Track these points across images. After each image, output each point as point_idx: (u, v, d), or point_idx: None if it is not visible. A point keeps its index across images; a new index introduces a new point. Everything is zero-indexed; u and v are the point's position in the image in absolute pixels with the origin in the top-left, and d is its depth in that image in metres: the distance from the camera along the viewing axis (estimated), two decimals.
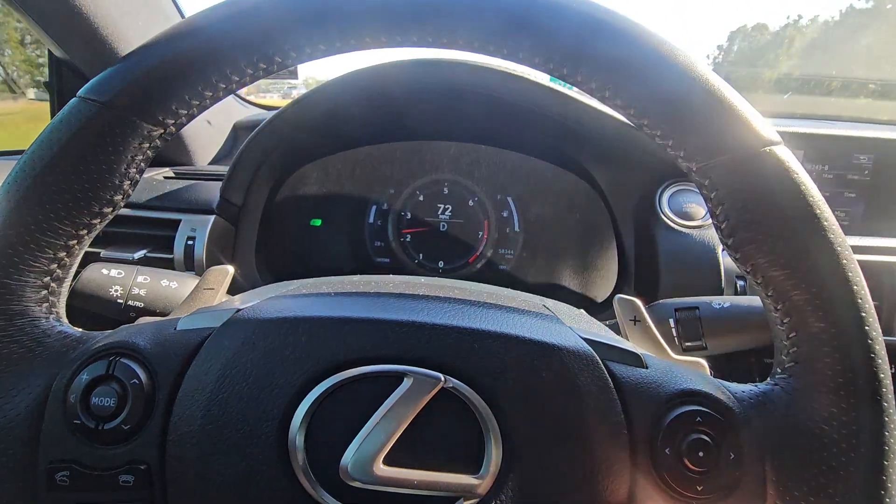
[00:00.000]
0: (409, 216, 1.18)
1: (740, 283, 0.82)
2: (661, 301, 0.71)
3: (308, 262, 1.16)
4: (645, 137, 0.43)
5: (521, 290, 0.58)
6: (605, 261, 1.10)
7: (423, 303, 0.39)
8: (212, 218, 0.93)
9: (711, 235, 0.88)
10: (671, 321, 0.65)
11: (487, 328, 0.36)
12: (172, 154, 1.18)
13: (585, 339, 0.37)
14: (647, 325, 0.52)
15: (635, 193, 0.95)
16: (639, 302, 0.57)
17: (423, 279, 0.53)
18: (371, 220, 1.19)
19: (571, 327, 0.39)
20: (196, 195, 0.98)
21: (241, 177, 0.95)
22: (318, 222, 1.19)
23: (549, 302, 0.53)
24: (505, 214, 1.18)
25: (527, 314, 0.41)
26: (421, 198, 1.18)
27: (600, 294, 1.13)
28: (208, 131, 1.21)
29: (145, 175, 1.10)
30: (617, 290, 1.02)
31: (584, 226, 1.12)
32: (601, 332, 0.46)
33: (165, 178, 1.10)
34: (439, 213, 1.18)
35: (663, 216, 0.91)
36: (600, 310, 1.02)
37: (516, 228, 1.18)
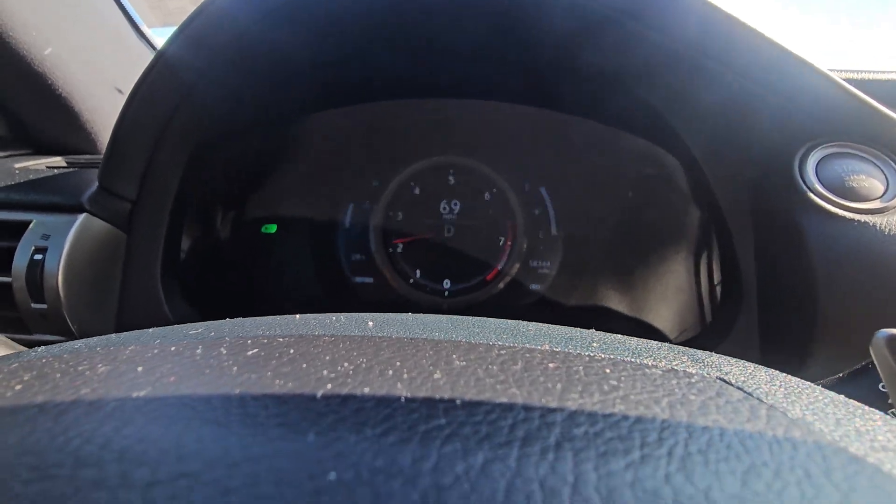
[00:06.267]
0: (400, 217, 0.84)
1: None
2: None
3: (254, 287, 0.81)
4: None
5: (561, 320, 0.34)
6: (689, 273, 0.74)
7: None
8: (79, 218, 0.58)
9: None
10: None
11: None
12: (67, 137, 0.84)
13: None
14: None
15: (757, 161, 0.59)
16: None
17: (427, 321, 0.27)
18: (347, 223, 0.85)
19: None
20: (66, 187, 0.63)
21: (128, 153, 0.61)
22: (271, 228, 0.84)
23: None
24: (537, 212, 0.84)
25: None
26: (417, 191, 0.84)
27: (676, 328, 0.77)
28: (119, 103, 0.87)
29: None
30: (720, 321, 0.65)
31: (660, 221, 0.76)
32: None
33: (48, 167, 0.76)
34: (443, 211, 0.83)
35: (812, 194, 0.55)
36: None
37: (554, 231, 0.83)
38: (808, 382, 0.21)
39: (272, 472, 0.13)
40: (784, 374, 0.22)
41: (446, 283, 0.82)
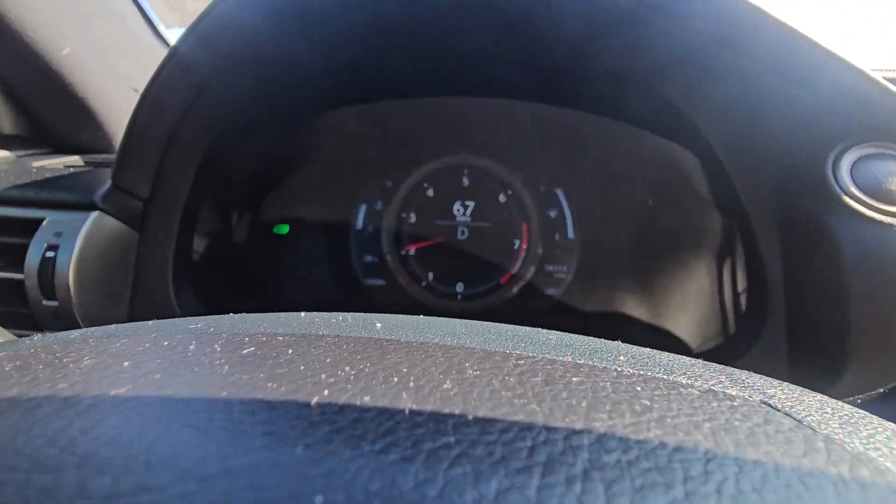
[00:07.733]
0: (412, 219, 0.82)
1: None
2: None
3: (266, 288, 0.80)
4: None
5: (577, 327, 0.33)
6: (711, 281, 0.71)
7: None
8: (91, 216, 0.58)
9: None
10: None
11: None
12: (85, 137, 0.85)
13: None
14: None
15: (785, 161, 0.56)
16: None
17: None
18: (359, 225, 0.83)
19: None
20: (80, 185, 0.63)
21: (141, 151, 0.60)
22: (283, 229, 0.83)
23: None
24: (553, 214, 0.81)
25: None
26: (430, 192, 0.82)
27: (697, 337, 0.74)
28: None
29: (14, 159, 0.76)
30: (745, 331, 0.62)
31: (680, 225, 0.73)
32: None
33: (66, 166, 0.77)
34: (457, 213, 0.81)
35: (846, 197, 0.52)
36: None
37: (570, 234, 0.81)
38: (863, 411, 0.19)
39: (250, 489, 0.12)
40: (835, 401, 0.19)
41: (459, 287, 0.80)
